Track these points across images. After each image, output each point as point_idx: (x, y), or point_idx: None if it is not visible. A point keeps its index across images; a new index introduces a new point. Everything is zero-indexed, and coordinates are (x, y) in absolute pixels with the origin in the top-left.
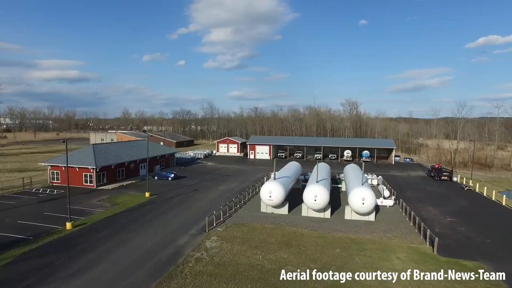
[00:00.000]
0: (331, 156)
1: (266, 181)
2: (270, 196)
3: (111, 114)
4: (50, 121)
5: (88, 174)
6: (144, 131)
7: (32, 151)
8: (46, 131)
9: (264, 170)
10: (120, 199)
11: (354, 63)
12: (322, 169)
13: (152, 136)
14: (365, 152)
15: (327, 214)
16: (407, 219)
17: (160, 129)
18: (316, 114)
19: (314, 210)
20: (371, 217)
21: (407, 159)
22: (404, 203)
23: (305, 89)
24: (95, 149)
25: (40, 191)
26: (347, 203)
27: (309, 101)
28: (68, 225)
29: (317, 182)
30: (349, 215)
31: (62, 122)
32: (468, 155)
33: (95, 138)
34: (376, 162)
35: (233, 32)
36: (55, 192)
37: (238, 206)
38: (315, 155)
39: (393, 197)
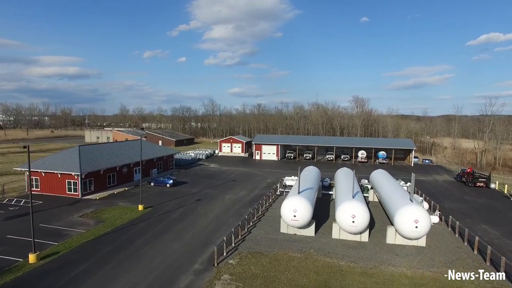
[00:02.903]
0: (344, 157)
1: (279, 188)
2: (294, 216)
3: (111, 111)
4: (46, 118)
5: (71, 181)
6: (142, 128)
7: (21, 151)
8: (42, 128)
9: (273, 174)
10: (107, 213)
11: (355, 60)
12: (350, 178)
13: (149, 134)
14: (382, 153)
15: (365, 236)
16: (465, 243)
17: (159, 126)
18: (323, 112)
19: (350, 233)
20: (422, 241)
21: (426, 161)
22: (457, 222)
23: (306, 86)
24: (81, 151)
25: (13, 203)
26: (391, 224)
27: (311, 98)
28: (32, 258)
29: (353, 197)
30: (392, 238)
31: (58, 119)
32: (494, 156)
33: (90, 136)
34: (393, 164)
35: (234, 29)
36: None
37: (251, 223)
38: (327, 156)
39: (437, 212)
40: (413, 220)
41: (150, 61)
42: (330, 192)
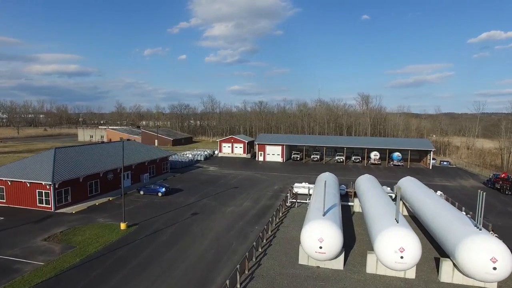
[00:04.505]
0: (354, 159)
1: (289, 198)
2: (320, 248)
3: (110, 109)
4: (41, 116)
5: (43, 191)
6: (138, 127)
7: (6, 150)
8: (36, 126)
9: (280, 179)
10: (81, 234)
11: (355, 58)
12: (378, 189)
13: (145, 133)
14: (396, 154)
15: (411, 272)
16: None
17: (157, 124)
18: (328, 109)
19: (395, 269)
20: (492, 285)
21: (444, 162)
22: None
23: (307, 84)
24: (57, 155)
25: None
26: (444, 255)
27: (313, 96)
28: None
29: (397, 221)
30: (448, 275)
31: (53, 117)
32: None
33: (84, 134)
34: (409, 166)
35: (234, 27)
36: None
37: (260, 249)
38: (336, 157)
39: (492, 234)
40: (489, 258)
41: (151, 59)
42: (349, 203)
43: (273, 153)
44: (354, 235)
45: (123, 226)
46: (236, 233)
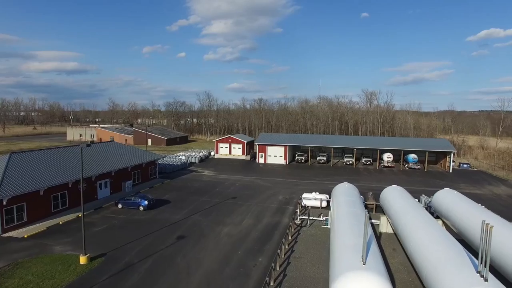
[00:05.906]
0: (365, 161)
1: (299, 214)
2: None
3: (106, 106)
4: (34, 113)
5: None
6: (131, 125)
7: None
8: (28, 124)
9: (285, 186)
10: (21, 275)
11: (355, 56)
12: (418, 208)
13: (137, 132)
14: (412, 156)
15: None
16: None
17: (153, 122)
18: (332, 106)
19: None
20: None
21: (464, 165)
22: None
23: (307, 82)
24: (12, 162)
25: None
26: None
27: (313, 94)
28: None
29: (482, 277)
30: None
31: (45, 114)
32: None
33: (73, 133)
34: (426, 169)
35: (233, 24)
36: None
37: None
38: (345, 159)
39: None
40: None
41: (150, 57)
42: (373, 221)
43: (275, 155)
44: (391, 271)
45: (83, 259)
46: (234, 269)
